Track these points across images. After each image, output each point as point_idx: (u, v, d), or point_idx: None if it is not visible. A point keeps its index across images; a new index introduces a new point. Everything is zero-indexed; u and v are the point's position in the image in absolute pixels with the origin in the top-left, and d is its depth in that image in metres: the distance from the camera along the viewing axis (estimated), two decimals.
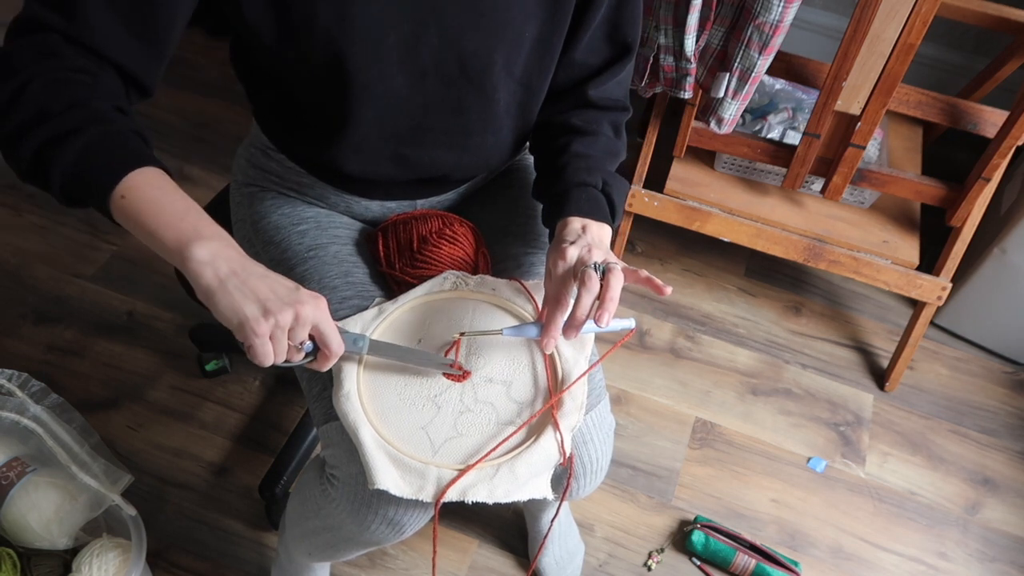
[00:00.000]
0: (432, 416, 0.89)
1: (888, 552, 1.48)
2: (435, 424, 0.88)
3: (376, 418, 0.88)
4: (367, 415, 0.87)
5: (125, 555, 1.14)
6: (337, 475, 0.93)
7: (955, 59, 1.99)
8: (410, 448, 0.86)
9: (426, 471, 0.84)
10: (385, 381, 0.90)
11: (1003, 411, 1.70)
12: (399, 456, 0.85)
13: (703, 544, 1.42)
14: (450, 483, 0.84)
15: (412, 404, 0.89)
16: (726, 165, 1.65)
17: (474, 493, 0.85)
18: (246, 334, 0.73)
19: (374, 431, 0.86)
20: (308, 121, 0.94)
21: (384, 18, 0.83)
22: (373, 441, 0.86)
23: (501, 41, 0.88)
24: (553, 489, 1.06)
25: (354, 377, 0.89)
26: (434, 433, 0.88)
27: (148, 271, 1.72)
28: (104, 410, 1.52)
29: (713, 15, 1.31)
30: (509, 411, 0.90)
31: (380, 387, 0.90)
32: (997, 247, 1.61)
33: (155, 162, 0.75)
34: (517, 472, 0.86)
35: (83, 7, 0.73)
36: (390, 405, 0.89)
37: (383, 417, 0.88)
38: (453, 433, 0.88)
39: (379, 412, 0.88)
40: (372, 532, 0.93)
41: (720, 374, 1.70)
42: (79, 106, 0.72)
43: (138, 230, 0.73)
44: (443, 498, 0.83)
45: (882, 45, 1.29)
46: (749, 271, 1.87)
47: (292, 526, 1.10)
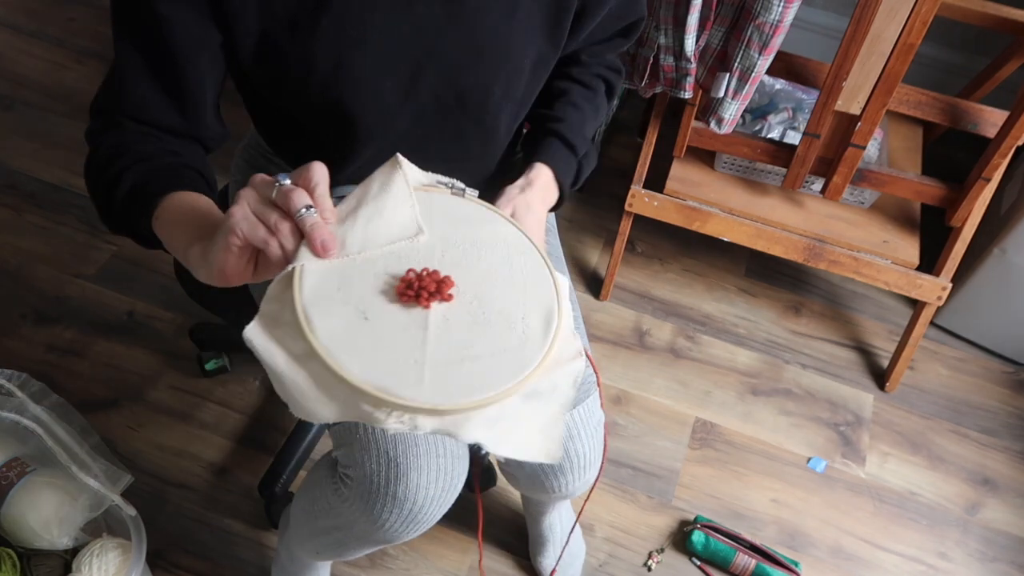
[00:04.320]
0: (410, 335, 0.68)
1: (888, 552, 1.48)
2: (412, 343, 0.67)
3: (327, 339, 0.65)
4: (311, 334, 0.65)
5: (125, 555, 1.14)
6: (350, 474, 0.94)
7: (955, 59, 1.99)
8: (385, 379, 0.64)
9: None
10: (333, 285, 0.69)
11: (1003, 411, 1.70)
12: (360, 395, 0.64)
13: (703, 544, 1.42)
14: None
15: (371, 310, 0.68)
16: (726, 165, 1.65)
17: (469, 432, 0.66)
18: (227, 230, 0.65)
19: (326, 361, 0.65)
20: (308, 147, 0.95)
21: (382, 63, 0.83)
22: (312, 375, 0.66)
23: (500, 72, 0.88)
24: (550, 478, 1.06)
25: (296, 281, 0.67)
26: (416, 356, 0.67)
27: (148, 271, 1.72)
28: (104, 410, 1.52)
29: (713, 15, 1.31)
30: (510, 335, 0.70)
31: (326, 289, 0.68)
32: (997, 247, 1.61)
33: (195, 188, 0.79)
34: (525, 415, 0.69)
35: (128, 89, 0.82)
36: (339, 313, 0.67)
37: (333, 337, 0.66)
38: (437, 357, 0.67)
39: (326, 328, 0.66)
40: (387, 530, 0.93)
41: (720, 374, 1.70)
42: (126, 155, 0.81)
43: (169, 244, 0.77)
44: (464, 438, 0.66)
45: (882, 45, 1.29)
46: (749, 271, 1.87)
47: (299, 525, 1.11)
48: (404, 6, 0.81)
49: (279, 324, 0.67)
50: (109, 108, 0.82)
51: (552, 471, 1.02)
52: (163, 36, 0.77)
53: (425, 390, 0.64)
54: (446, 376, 0.66)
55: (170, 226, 0.76)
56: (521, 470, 1.05)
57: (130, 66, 0.80)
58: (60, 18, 2.20)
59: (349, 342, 0.65)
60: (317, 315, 0.66)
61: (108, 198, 0.80)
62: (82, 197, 1.83)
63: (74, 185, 1.85)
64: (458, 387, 0.65)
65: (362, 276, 0.69)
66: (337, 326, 0.66)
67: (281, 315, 0.67)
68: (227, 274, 0.68)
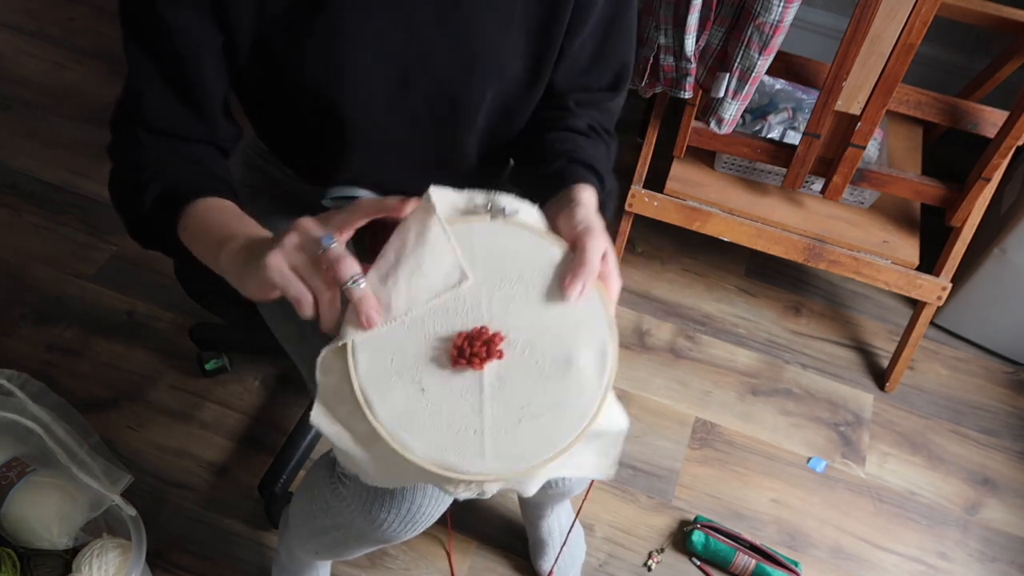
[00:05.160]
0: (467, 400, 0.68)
1: (888, 552, 1.48)
2: (470, 411, 0.68)
3: (392, 423, 0.67)
4: (378, 422, 0.67)
5: (125, 555, 1.14)
6: (348, 474, 0.94)
7: (955, 59, 1.99)
8: (448, 456, 0.66)
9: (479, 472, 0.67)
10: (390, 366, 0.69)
11: (1003, 411, 1.70)
12: (434, 472, 0.66)
13: (703, 544, 1.42)
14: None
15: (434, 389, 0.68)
16: (726, 165, 1.65)
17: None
18: (262, 276, 0.66)
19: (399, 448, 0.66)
20: (302, 149, 0.95)
21: (372, 67, 0.83)
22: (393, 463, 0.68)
23: (492, 77, 0.87)
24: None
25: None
26: (475, 425, 0.68)
27: (148, 271, 1.72)
28: (104, 410, 1.52)
29: (713, 15, 1.31)
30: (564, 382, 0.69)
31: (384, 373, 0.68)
32: (997, 247, 1.61)
33: (221, 194, 0.80)
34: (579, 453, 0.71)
35: (143, 98, 0.82)
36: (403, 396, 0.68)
37: (398, 420, 0.67)
38: (501, 422, 0.68)
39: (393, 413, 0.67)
40: (384, 530, 0.93)
41: (720, 374, 1.70)
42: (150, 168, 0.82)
43: (196, 247, 0.78)
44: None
45: (882, 45, 1.29)
46: (749, 271, 1.87)
47: (298, 525, 1.11)
48: (397, 9, 0.80)
49: (341, 402, 0.69)
50: (127, 120, 0.83)
51: None
52: (171, 41, 0.78)
53: (488, 461, 0.66)
54: (507, 442, 0.67)
55: (197, 235, 0.77)
56: None
57: (143, 75, 0.81)
58: (60, 18, 2.20)
59: (410, 420, 0.67)
60: (376, 395, 0.67)
61: (135, 212, 0.81)
62: (82, 197, 1.83)
63: (74, 185, 1.85)
64: (519, 452, 0.67)
65: (413, 340, 0.69)
66: (397, 404, 0.67)
67: (340, 391, 0.68)
68: (254, 299, 0.70)
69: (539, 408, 0.68)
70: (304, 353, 0.97)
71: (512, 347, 0.69)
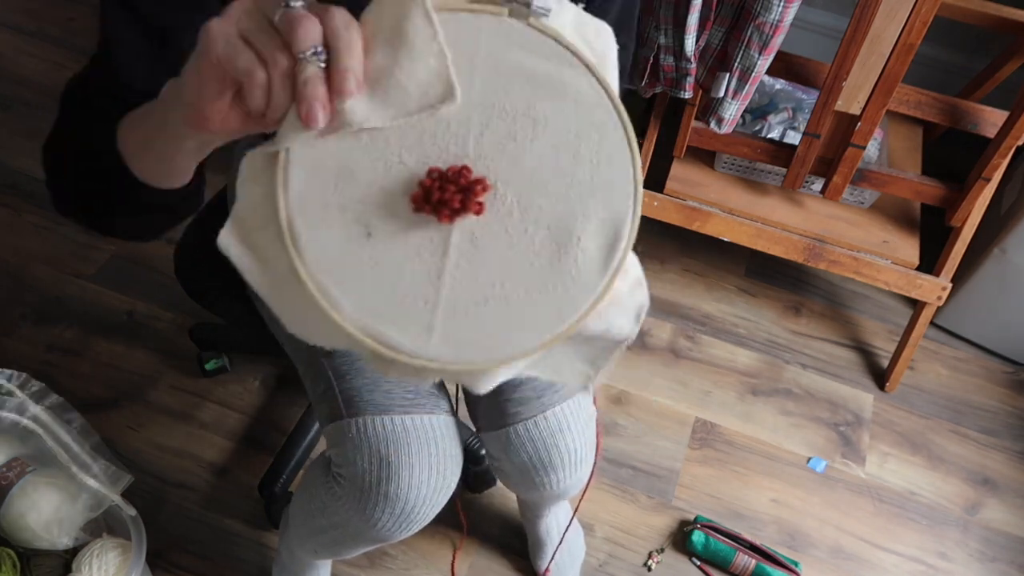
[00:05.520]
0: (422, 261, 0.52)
1: (888, 552, 1.48)
2: (424, 273, 0.52)
3: (319, 271, 0.51)
4: (301, 261, 0.51)
5: (125, 555, 1.14)
6: (343, 473, 0.94)
7: (955, 59, 1.99)
8: (384, 325, 0.51)
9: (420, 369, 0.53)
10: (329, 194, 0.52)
11: (1003, 411, 1.70)
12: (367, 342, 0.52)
13: (703, 544, 1.42)
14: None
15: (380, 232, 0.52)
16: (726, 165, 1.65)
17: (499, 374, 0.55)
18: (203, 49, 0.49)
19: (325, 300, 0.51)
20: None
21: None
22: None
23: None
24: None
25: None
26: (427, 293, 0.52)
27: (148, 271, 1.72)
28: (104, 410, 1.52)
29: (713, 15, 1.31)
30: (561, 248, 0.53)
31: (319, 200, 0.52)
32: (997, 247, 1.61)
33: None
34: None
35: (117, 54, 0.71)
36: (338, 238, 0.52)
37: (329, 270, 0.51)
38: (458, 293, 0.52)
39: (322, 260, 0.51)
40: (379, 528, 0.93)
41: (720, 374, 1.70)
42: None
43: (144, 149, 0.63)
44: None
45: (882, 45, 1.29)
46: (749, 271, 1.87)
47: (297, 524, 1.11)
48: None
49: (263, 224, 0.52)
50: (83, 85, 0.72)
51: (543, 467, 1.01)
52: (153, 10, 0.70)
53: (434, 343, 0.51)
54: (463, 325, 0.51)
55: (130, 121, 0.63)
56: (511, 465, 1.04)
57: (118, 27, 0.70)
58: (60, 18, 2.20)
59: (344, 268, 0.51)
60: (306, 226, 0.51)
61: (74, 162, 0.69)
62: None
63: None
64: (475, 340, 0.51)
65: (368, 166, 0.51)
66: (331, 245, 0.51)
67: (263, 210, 0.52)
68: (204, 113, 0.51)
69: (515, 289, 0.52)
70: (304, 354, 0.97)
71: (497, 202, 0.52)
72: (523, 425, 0.98)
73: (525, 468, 1.03)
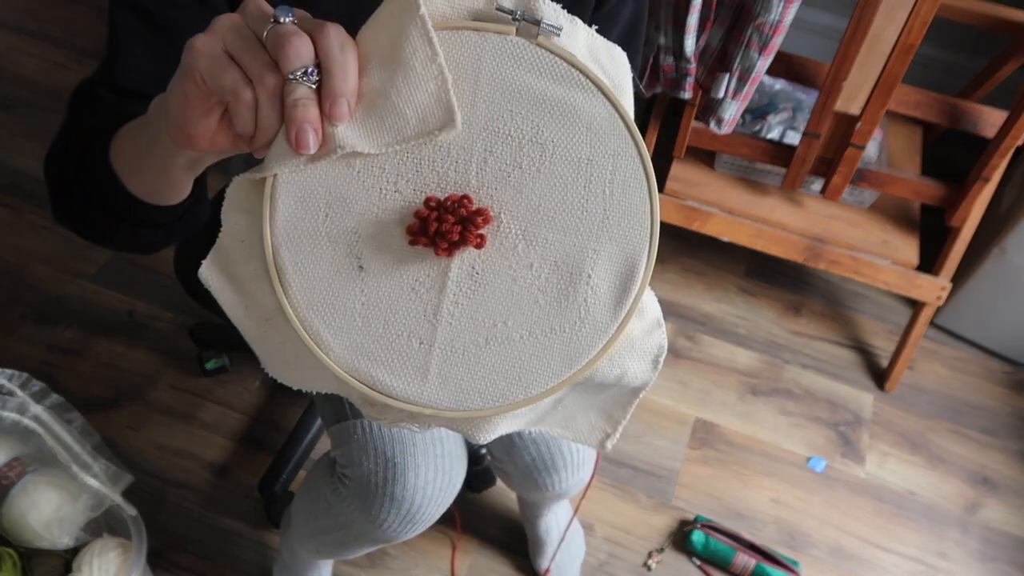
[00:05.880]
0: (417, 301, 0.49)
1: (888, 552, 1.48)
2: (419, 315, 0.49)
3: (310, 310, 0.48)
4: (288, 299, 0.48)
5: (126, 555, 1.14)
6: (348, 474, 0.94)
7: (955, 59, 1.99)
8: (376, 368, 0.48)
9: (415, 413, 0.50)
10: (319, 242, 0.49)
11: (1003, 411, 1.70)
12: (357, 386, 0.49)
13: (703, 544, 1.42)
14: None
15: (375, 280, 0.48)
16: (726, 165, 1.65)
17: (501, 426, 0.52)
18: (185, 67, 0.47)
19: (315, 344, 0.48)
20: None
21: None
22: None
23: None
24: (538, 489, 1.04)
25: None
26: (422, 333, 0.49)
27: (148, 271, 1.72)
28: (104, 410, 1.52)
29: (713, 15, 1.31)
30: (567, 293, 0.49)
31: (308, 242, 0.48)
32: (997, 247, 1.61)
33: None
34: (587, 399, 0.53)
35: (123, 57, 0.70)
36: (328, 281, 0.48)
37: (319, 307, 0.48)
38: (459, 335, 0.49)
39: (312, 296, 0.48)
40: (385, 529, 0.93)
41: (720, 374, 1.70)
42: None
43: (136, 163, 0.61)
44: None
45: (882, 45, 1.30)
46: (749, 271, 1.87)
47: (299, 525, 1.11)
48: None
49: (247, 257, 0.49)
50: (90, 87, 0.71)
51: (546, 468, 1.02)
52: (165, 7, 0.70)
53: (429, 387, 0.48)
54: (462, 367, 0.48)
55: (123, 135, 0.61)
56: (514, 467, 1.04)
57: (127, 32, 0.70)
58: (60, 18, 2.20)
59: (333, 305, 0.48)
60: (293, 259, 0.47)
61: (73, 171, 0.67)
62: None
63: None
64: (475, 385, 0.48)
65: (362, 195, 0.48)
66: (320, 280, 0.48)
67: (248, 241, 0.49)
68: (189, 132, 0.49)
69: (518, 329, 0.48)
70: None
71: (500, 234, 0.49)
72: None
73: (528, 469, 1.03)
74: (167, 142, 0.52)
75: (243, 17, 0.47)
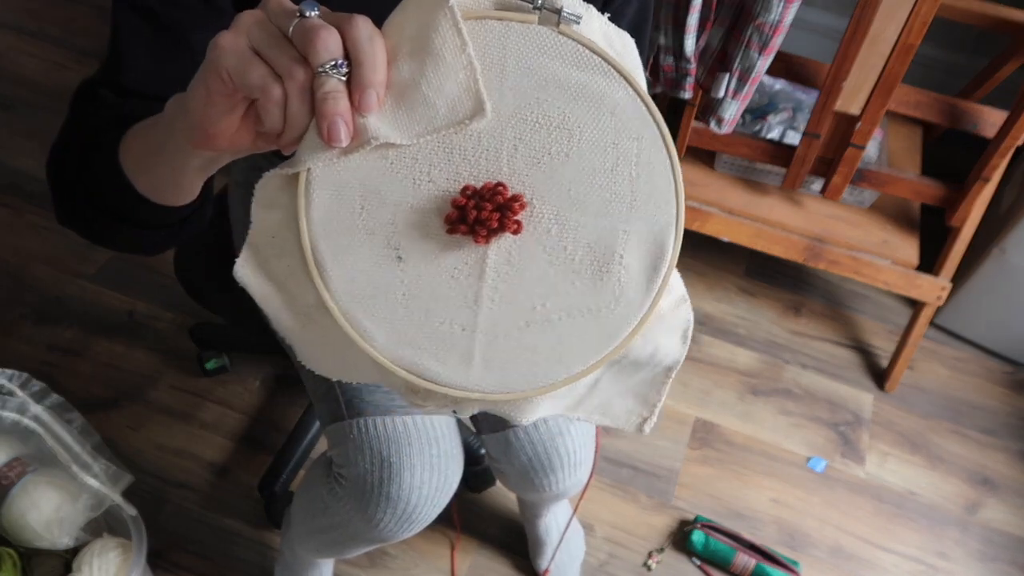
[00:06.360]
0: (455, 288, 0.49)
1: (888, 552, 1.48)
2: (459, 302, 0.49)
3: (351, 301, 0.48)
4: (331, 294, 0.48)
5: (126, 555, 1.14)
6: (344, 474, 0.94)
7: (955, 59, 1.99)
8: (421, 356, 0.49)
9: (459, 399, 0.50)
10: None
11: (1003, 411, 1.70)
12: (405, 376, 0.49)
13: (703, 544, 1.42)
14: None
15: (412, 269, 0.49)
16: (726, 165, 1.65)
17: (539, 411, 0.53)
18: (211, 63, 0.46)
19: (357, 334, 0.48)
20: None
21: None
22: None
23: None
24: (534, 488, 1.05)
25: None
26: (464, 319, 0.49)
27: (148, 271, 1.72)
28: (104, 410, 1.52)
29: (713, 15, 1.31)
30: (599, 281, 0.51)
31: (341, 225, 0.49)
32: (997, 247, 1.61)
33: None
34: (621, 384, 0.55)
35: (127, 58, 0.70)
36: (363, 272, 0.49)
37: (357, 298, 0.48)
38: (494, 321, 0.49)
39: (351, 287, 0.49)
40: (381, 529, 0.93)
41: (720, 374, 1.70)
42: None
43: (147, 162, 0.61)
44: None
45: (882, 45, 1.30)
46: (749, 271, 1.87)
47: (298, 524, 1.11)
48: None
49: (281, 253, 0.49)
50: (92, 87, 0.70)
51: (543, 469, 1.02)
52: (169, 9, 0.70)
53: (475, 372, 0.48)
54: (505, 350, 0.49)
55: (135, 133, 0.61)
56: (511, 467, 1.04)
57: (129, 32, 0.69)
58: (60, 18, 2.21)
59: (375, 296, 0.48)
60: (332, 253, 0.47)
61: (76, 171, 0.67)
62: None
63: None
64: (517, 368, 0.49)
65: (397, 186, 0.48)
66: (360, 271, 0.48)
67: (282, 237, 0.49)
68: (209, 132, 0.48)
69: (556, 310, 0.49)
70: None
71: (534, 220, 0.50)
72: (523, 428, 0.98)
73: (525, 470, 1.03)
74: (182, 143, 0.52)
75: (266, 13, 0.46)
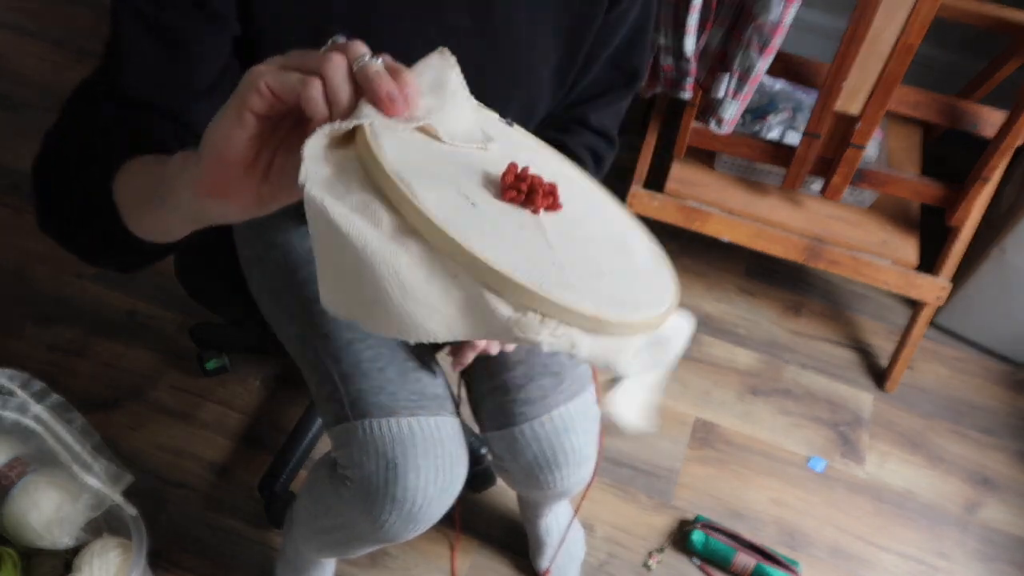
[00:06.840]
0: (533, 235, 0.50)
1: (888, 552, 1.49)
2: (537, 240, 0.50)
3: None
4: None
5: (126, 554, 1.14)
6: (350, 475, 0.94)
7: (955, 59, 1.99)
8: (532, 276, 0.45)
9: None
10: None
11: (1003, 411, 1.70)
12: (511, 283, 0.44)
13: (703, 544, 1.42)
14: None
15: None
16: (726, 165, 1.65)
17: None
18: (246, 86, 0.48)
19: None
20: None
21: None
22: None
23: (519, 81, 0.86)
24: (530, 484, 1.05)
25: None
26: (552, 257, 0.49)
27: (148, 271, 1.71)
28: (104, 410, 1.52)
29: (713, 16, 1.31)
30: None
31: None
32: (997, 247, 1.61)
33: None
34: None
35: (128, 63, 0.71)
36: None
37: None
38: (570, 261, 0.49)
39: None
40: (387, 530, 0.94)
41: (720, 374, 1.70)
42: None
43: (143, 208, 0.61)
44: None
45: (882, 45, 1.29)
46: (749, 271, 1.87)
47: (302, 524, 1.11)
48: (433, 14, 0.79)
49: (348, 190, 0.46)
50: (88, 92, 0.71)
51: (548, 465, 1.02)
52: (172, 13, 0.70)
53: (585, 295, 0.45)
54: (597, 286, 0.48)
55: (135, 172, 0.62)
56: (516, 465, 1.04)
57: (129, 36, 0.70)
58: (60, 18, 2.21)
59: (465, 226, 0.45)
60: (416, 183, 0.46)
61: (67, 189, 0.67)
62: None
63: None
64: (617, 300, 0.47)
65: (449, 161, 0.50)
66: (443, 205, 0.45)
67: (345, 178, 0.47)
68: (226, 158, 0.49)
69: (612, 270, 0.51)
70: (308, 356, 0.98)
71: (564, 211, 0.54)
72: (529, 425, 0.99)
73: (530, 467, 1.03)
74: (185, 194, 0.53)
75: (288, 55, 0.49)
